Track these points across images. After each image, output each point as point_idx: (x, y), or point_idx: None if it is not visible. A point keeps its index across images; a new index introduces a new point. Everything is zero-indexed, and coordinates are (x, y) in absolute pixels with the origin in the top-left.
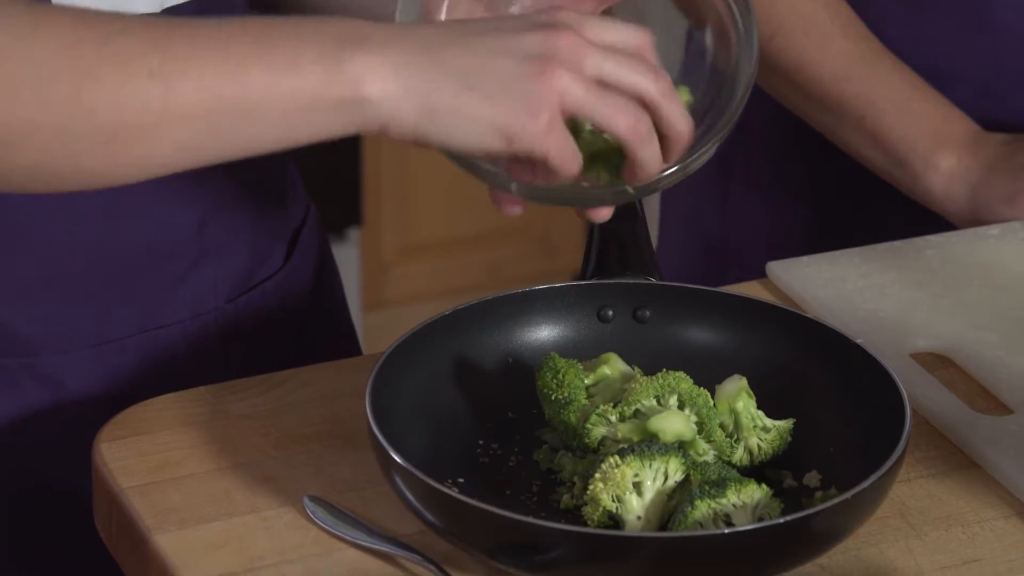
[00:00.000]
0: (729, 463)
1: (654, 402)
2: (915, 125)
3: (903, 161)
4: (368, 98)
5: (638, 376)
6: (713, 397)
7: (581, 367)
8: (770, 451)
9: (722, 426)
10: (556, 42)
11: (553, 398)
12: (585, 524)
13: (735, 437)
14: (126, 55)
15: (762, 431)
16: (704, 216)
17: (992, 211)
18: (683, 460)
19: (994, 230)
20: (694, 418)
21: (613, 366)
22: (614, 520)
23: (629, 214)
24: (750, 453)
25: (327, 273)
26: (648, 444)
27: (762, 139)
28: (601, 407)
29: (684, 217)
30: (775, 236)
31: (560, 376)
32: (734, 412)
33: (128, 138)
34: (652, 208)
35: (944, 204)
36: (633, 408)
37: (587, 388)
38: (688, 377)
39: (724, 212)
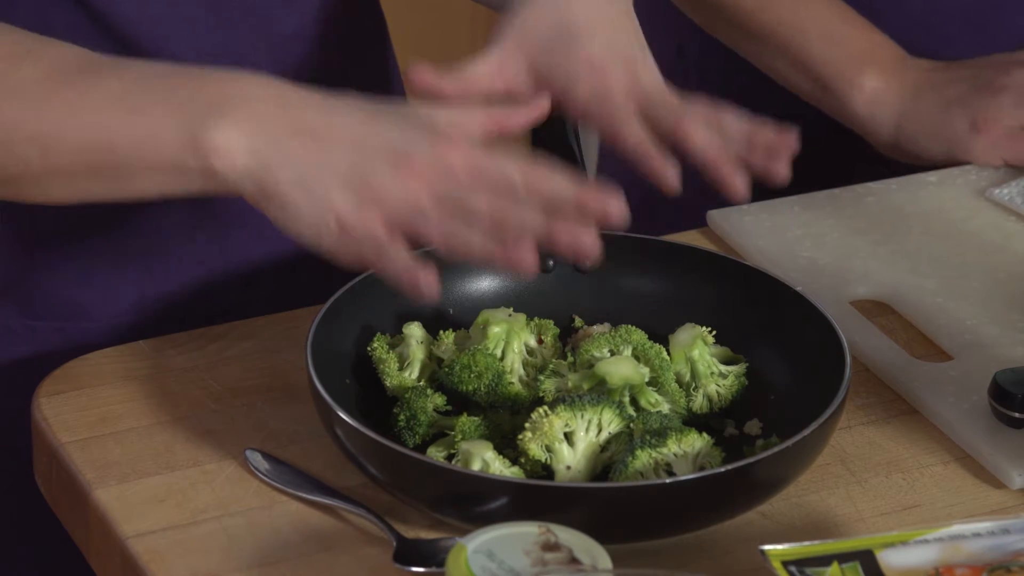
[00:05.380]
0: (689, 411)
1: (607, 353)
2: (840, 48)
3: (828, 84)
4: (217, 171)
5: (520, 316)
6: (668, 346)
7: (478, 347)
8: (728, 396)
9: (679, 376)
10: (433, 152)
11: (486, 383)
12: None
13: (693, 386)
14: (10, 119)
15: (719, 377)
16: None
17: (917, 144)
18: (618, 411)
19: (932, 177)
20: (647, 370)
21: (495, 320)
22: (547, 470)
23: (571, 164)
24: (709, 400)
25: None
26: (580, 395)
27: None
28: (553, 362)
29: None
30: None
31: (473, 367)
32: (690, 360)
33: (20, 184)
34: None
35: (869, 127)
36: (587, 359)
37: (496, 354)
38: (641, 331)
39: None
